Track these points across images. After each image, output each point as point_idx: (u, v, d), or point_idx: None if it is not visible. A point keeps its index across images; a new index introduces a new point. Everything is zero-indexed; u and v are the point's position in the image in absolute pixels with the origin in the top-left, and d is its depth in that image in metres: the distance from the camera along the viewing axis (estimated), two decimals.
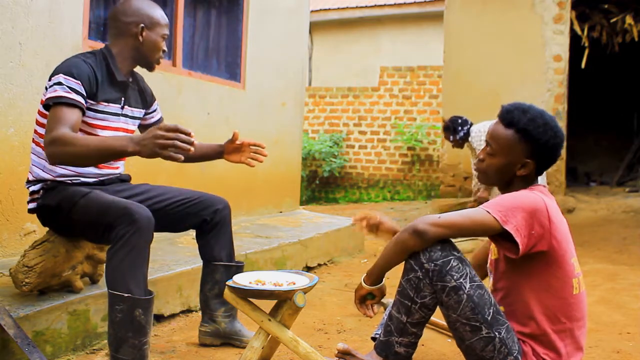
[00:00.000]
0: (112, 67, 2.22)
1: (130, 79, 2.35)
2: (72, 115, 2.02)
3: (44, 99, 2.13)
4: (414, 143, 9.70)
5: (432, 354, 2.44)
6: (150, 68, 2.35)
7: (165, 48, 2.34)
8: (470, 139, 5.16)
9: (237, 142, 2.49)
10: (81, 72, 2.10)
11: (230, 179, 4.42)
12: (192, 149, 1.82)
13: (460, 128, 5.18)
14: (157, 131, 1.81)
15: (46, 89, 2.12)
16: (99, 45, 3.30)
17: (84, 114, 2.10)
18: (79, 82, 2.08)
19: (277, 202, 5.11)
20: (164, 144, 1.81)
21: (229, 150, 2.55)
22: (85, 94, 2.09)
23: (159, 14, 2.31)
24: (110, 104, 2.23)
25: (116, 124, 2.27)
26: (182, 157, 1.87)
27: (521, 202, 1.82)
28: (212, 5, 4.43)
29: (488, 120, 5.20)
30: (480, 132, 5.10)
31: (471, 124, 5.21)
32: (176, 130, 1.81)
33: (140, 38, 2.24)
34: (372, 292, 2.02)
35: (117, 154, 1.92)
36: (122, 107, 2.29)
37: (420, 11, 11.30)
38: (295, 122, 5.40)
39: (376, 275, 1.99)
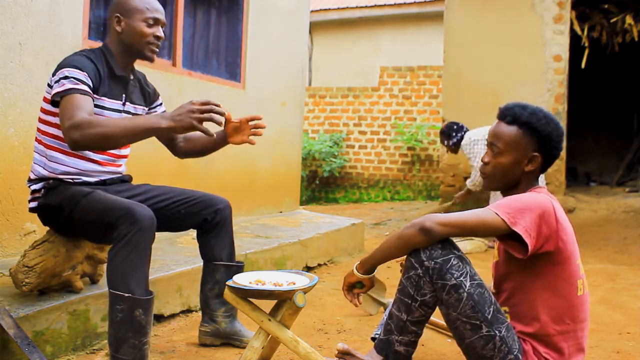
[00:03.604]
0: (110, 63, 2.22)
1: (132, 76, 2.34)
2: (87, 102, 2.02)
3: (48, 97, 2.13)
4: (414, 143, 9.70)
5: (432, 354, 2.44)
6: (145, 57, 2.27)
7: (159, 33, 2.25)
8: (462, 144, 5.28)
9: (235, 120, 2.38)
10: (84, 65, 2.11)
11: (231, 179, 4.42)
12: (224, 120, 1.87)
13: (454, 134, 5.30)
14: (191, 105, 1.86)
15: (49, 86, 2.12)
16: (99, 45, 3.30)
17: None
18: (85, 73, 2.08)
19: (277, 202, 5.11)
20: (200, 118, 1.87)
21: (230, 132, 2.42)
22: (92, 85, 2.10)
23: (139, 0, 2.23)
24: (112, 100, 2.23)
25: None
26: (214, 134, 1.94)
27: (529, 204, 1.82)
28: (212, 5, 4.43)
29: (481, 127, 5.32)
30: (472, 139, 5.19)
31: (466, 131, 5.32)
32: (208, 103, 1.87)
33: (119, 28, 2.23)
34: (362, 281, 2.01)
35: (151, 131, 1.94)
36: (124, 104, 2.29)
37: (420, 11, 11.29)
38: (295, 122, 5.40)
39: (370, 265, 1.98)
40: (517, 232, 1.78)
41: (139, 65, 2.43)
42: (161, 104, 2.52)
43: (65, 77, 2.05)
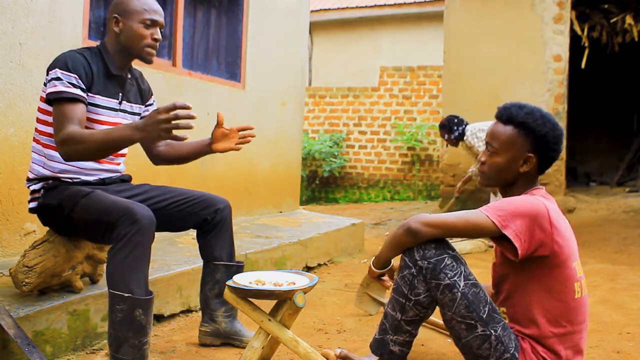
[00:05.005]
0: (107, 61, 2.23)
1: (129, 76, 2.35)
2: (76, 110, 2.06)
3: (43, 95, 2.15)
4: (414, 143, 9.70)
5: (432, 354, 2.44)
6: (142, 59, 2.27)
7: (157, 35, 2.25)
8: (465, 137, 5.28)
9: (226, 127, 2.37)
10: (76, 64, 2.12)
11: (230, 179, 4.42)
12: (193, 124, 1.86)
13: (455, 127, 5.30)
14: (158, 116, 1.85)
15: (45, 84, 2.14)
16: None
17: (87, 106, 2.13)
18: (76, 75, 2.10)
19: (277, 202, 5.11)
20: (167, 128, 1.86)
21: (217, 137, 2.38)
22: (84, 87, 2.12)
23: (137, 2, 2.24)
24: (108, 98, 2.23)
25: (114, 119, 2.26)
26: (188, 136, 1.94)
27: (522, 207, 1.81)
28: (212, 5, 4.43)
29: (484, 121, 5.30)
30: (475, 129, 5.22)
31: (466, 124, 5.33)
32: (174, 108, 1.85)
33: (117, 29, 2.23)
34: (382, 275, 2.12)
35: (125, 143, 1.97)
36: (120, 103, 2.29)
37: (420, 11, 11.30)
38: (295, 122, 5.40)
39: (383, 261, 2.06)
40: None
41: (137, 64, 2.43)
42: (153, 103, 2.50)
43: (58, 79, 2.07)
